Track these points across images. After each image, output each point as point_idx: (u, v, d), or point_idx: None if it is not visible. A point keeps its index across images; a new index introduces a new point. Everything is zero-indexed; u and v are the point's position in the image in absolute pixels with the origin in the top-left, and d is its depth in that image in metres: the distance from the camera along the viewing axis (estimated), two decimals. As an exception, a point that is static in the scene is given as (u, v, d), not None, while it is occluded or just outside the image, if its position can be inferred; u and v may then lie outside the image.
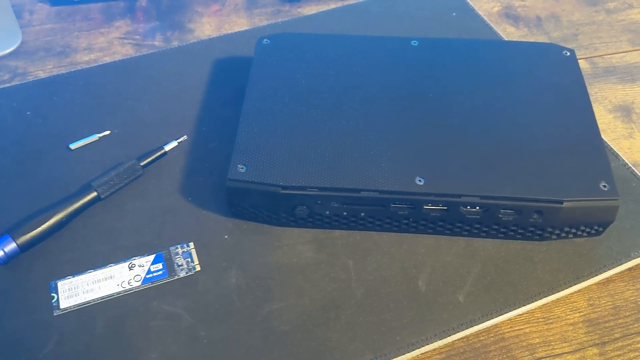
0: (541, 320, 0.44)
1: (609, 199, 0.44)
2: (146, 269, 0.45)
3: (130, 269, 0.45)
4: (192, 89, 0.59)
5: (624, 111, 0.58)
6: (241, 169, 0.45)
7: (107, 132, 0.55)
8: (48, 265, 0.45)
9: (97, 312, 0.43)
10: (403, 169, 0.45)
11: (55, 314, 0.43)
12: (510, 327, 0.43)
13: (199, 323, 0.42)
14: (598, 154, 0.46)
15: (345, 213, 0.46)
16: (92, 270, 0.45)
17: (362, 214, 0.46)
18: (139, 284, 0.44)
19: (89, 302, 0.43)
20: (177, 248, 0.46)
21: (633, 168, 0.52)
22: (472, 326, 0.42)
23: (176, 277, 0.45)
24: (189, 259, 0.46)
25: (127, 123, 0.56)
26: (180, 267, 0.45)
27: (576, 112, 0.49)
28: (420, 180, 0.44)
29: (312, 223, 0.47)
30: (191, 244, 0.46)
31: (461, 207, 0.44)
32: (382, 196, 0.44)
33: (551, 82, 0.52)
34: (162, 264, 0.45)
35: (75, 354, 0.41)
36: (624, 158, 0.53)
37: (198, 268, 0.45)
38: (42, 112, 0.56)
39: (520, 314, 0.44)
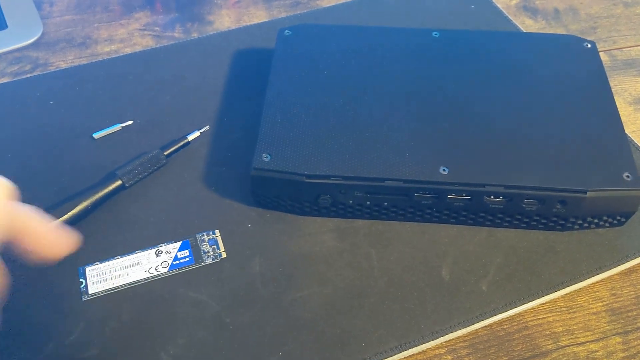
0: (564, 309, 0.44)
1: (632, 189, 0.44)
2: (173, 255, 0.45)
3: (157, 255, 0.45)
4: (212, 80, 0.59)
5: (644, 103, 0.59)
6: (265, 158, 0.46)
7: (130, 122, 0.55)
8: (74, 253, 0.46)
9: (125, 298, 0.43)
10: (427, 159, 0.45)
11: (83, 299, 0.43)
12: (534, 315, 0.44)
13: (224, 310, 0.43)
14: (621, 144, 0.46)
15: (368, 202, 0.46)
16: (119, 257, 0.45)
17: (385, 204, 0.46)
18: (165, 270, 0.45)
19: (116, 287, 0.44)
20: (203, 235, 0.47)
21: (654, 160, 0.52)
22: (495, 315, 0.43)
23: (202, 264, 0.45)
24: (215, 246, 0.46)
25: (149, 113, 0.56)
26: (207, 254, 0.46)
27: (598, 103, 0.49)
28: (444, 170, 0.44)
29: (335, 212, 0.48)
30: (217, 232, 0.47)
31: (485, 197, 0.45)
32: (405, 185, 0.45)
33: (573, 74, 0.52)
34: (189, 251, 0.46)
35: (103, 339, 0.41)
36: (644, 150, 0.53)
37: (224, 255, 0.46)
38: (65, 102, 0.57)
39: (543, 303, 0.44)
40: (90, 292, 0.43)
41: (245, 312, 0.43)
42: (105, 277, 0.44)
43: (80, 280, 0.44)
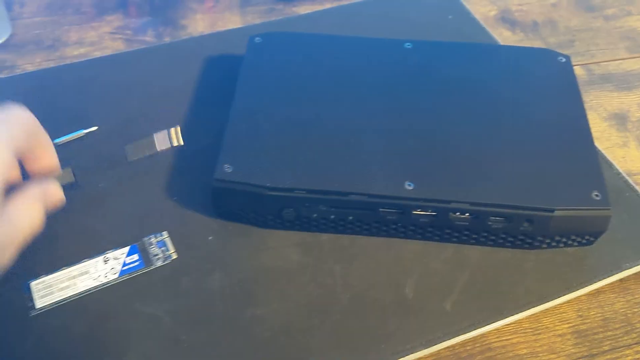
0: (529, 330, 0.43)
1: (601, 209, 0.43)
2: (122, 261, 0.44)
3: (105, 262, 0.44)
4: (182, 86, 0.58)
5: (619, 119, 0.58)
6: (228, 168, 0.44)
7: (94, 128, 0.54)
8: (20, 267, 0.44)
9: (76, 310, 0.42)
10: (392, 173, 0.44)
11: (31, 315, 0.42)
12: (498, 337, 0.42)
13: (180, 326, 0.42)
14: (591, 162, 0.45)
15: (333, 216, 0.45)
16: (65, 267, 0.44)
17: (350, 218, 0.45)
18: (116, 276, 0.43)
19: (65, 299, 0.42)
20: (150, 238, 0.46)
21: (627, 178, 0.51)
22: (458, 335, 0.42)
23: (153, 267, 0.44)
24: (164, 248, 0.45)
25: (114, 119, 0.55)
26: (156, 257, 0.44)
27: (570, 119, 0.49)
28: (409, 185, 0.43)
29: (299, 226, 0.46)
30: (165, 233, 0.46)
31: (450, 213, 0.43)
32: (370, 200, 0.44)
33: (545, 88, 0.51)
34: (138, 255, 0.44)
35: (54, 355, 0.40)
36: (617, 167, 0.52)
37: (175, 256, 0.45)
38: (29, 106, 0.55)
39: (508, 324, 0.43)
40: (37, 306, 0.42)
41: (201, 329, 0.42)
42: (52, 289, 0.42)
43: (26, 295, 0.42)
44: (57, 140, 0.52)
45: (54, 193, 0.33)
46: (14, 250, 0.29)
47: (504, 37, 0.67)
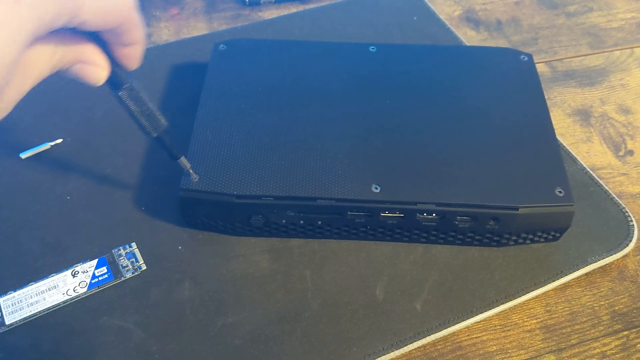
0: (498, 327, 0.43)
1: (565, 205, 0.44)
2: (90, 274, 0.44)
3: (73, 276, 0.44)
4: (148, 96, 0.57)
5: (583, 115, 0.59)
6: (194, 178, 0.44)
7: (59, 141, 0.53)
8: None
9: (46, 325, 0.42)
10: (359, 177, 0.44)
11: (1, 331, 0.41)
12: (468, 335, 0.43)
13: (150, 338, 0.41)
14: (554, 159, 0.46)
15: (301, 222, 0.45)
16: (33, 283, 0.43)
17: (319, 223, 0.45)
18: (85, 290, 0.43)
19: (35, 314, 0.42)
20: (119, 250, 0.45)
21: (591, 172, 0.52)
22: (429, 335, 0.42)
23: (122, 279, 0.44)
24: (134, 259, 0.45)
25: (80, 131, 0.54)
26: (126, 268, 0.44)
27: (533, 117, 0.49)
28: (376, 188, 0.44)
29: (268, 232, 0.46)
30: (134, 244, 0.46)
31: (417, 214, 0.44)
32: (338, 204, 0.44)
33: (508, 88, 0.51)
34: (107, 267, 0.44)
35: (22, 372, 0.40)
36: (582, 162, 0.53)
37: (144, 267, 0.45)
38: (-9, 120, 0.55)
39: (478, 322, 0.43)
40: (7, 322, 0.41)
41: (172, 340, 0.41)
42: (21, 305, 0.42)
43: (-4, 312, 0.42)
44: (23, 154, 0.52)
45: (90, 62, 0.32)
46: (17, 94, 0.28)
47: (469, 36, 0.67)
